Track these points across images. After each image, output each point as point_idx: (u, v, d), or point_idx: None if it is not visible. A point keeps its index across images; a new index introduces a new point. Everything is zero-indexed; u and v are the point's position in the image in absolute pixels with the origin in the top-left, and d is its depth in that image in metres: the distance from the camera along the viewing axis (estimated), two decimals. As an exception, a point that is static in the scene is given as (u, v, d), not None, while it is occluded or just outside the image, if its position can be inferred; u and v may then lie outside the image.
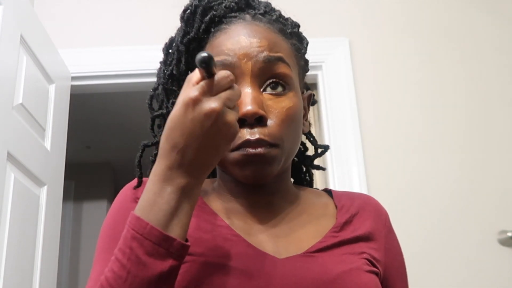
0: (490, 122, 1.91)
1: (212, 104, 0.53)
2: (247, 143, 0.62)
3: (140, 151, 0.74)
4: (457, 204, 1.80)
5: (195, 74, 0.55)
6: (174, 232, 0.54)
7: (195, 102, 0.53)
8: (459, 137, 1.89)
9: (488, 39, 2.03)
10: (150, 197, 0.55)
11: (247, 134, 0.62)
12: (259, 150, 0.62)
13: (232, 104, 0.55)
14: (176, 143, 0.54)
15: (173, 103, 0.72)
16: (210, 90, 0.54)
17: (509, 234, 1.72)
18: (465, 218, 1.79)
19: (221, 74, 0.55)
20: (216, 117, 0.53)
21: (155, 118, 0.76)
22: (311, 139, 0.84)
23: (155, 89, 0.76)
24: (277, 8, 0.77)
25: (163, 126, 0.57)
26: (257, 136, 0.62)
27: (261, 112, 0.62)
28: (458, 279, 1.71)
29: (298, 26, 0.76)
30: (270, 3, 0.76)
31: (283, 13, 0.76)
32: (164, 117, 0.74)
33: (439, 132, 1.90)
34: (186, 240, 0.56)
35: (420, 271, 1.71)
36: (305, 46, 0.77)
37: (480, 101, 1.94)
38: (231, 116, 0.54)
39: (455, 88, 1.96)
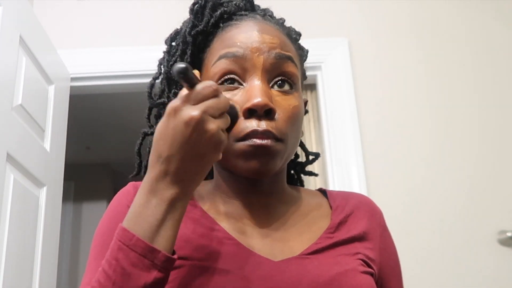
0: (491, 123, 1.91)
1: (191, 112, 0.53)
2: (254, 133, 0.62)
3: (140, 138, 0.75)
4: (457, 204, 1.80)
5: (184, 89, 0.56)
6: (160, 244, 0.54)
7: (176, 111, 0.54)
8: (459, 138, 1.89)
9: (490, 38, 2.03)
10: (137, 209, 0.56)
11: (255, 124, 0.62)
12: (266, 141, 0.62)
13: (217, 112, 0.55)
14: (161, 152, 0.55)
15: (175, 93, 0.73)
16: (192, 99, 0.54)
17: (509, 234, 1.72)
18: (465, 218, 1.79)
19: (203, 83, 0.55)
20: (195, 124, 0.53)
21: (152, 108, 0.76)
22: (303, 146, 0.85)
23: (155, 78, 0.77)
24: (277, 7, 0.78)
25: (162, 115, 0.58)
26: (264, 127, 0.62)
27: (271, 105, 0.62)
28: (458, 279, 1.71)
29: (300, 35, 0.78)
30: (272, 12, 0.77)
31: (280, 16, 0.78)
32: (164, 106, 0.73)
33: (439, 133, 1.90)
34: (174, 253, 0.56)
35: (420, 271, 1.71)
36: (306, 54, 0.78)
37: (481, 102, 1.94)
38: (213, 125, 0.54)
39: (455, 87, 1.96)
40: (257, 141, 0.62)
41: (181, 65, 0.53)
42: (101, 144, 4.19)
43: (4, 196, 1.36)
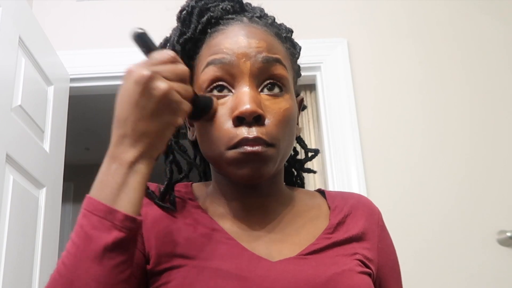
0: (490, 123, 1.91)
1: (142, 71, 0.55)
2: (245, 141, 0.61)
3: None
4: (456, 204, 1.81)
5: None
6: (122, 206, 0.55)
7: (129, 73, 0.56)
8: (458, 138, 1.89)
9: (488, 38, 2.03)
10: (100, 177, 0.57)
11: (245, 132, 0.62)
12: (257, 148, 0.61)
13: (173, 77, 0.56)
14: (118, 116, 0.57)
15: None
16: (147, 63, 0.56)
17: (508, 234, 1.72)
18: (464, 218, 1.79)
19: (162, 50, 0.57)
20: (144, 82, 0.54)
21: None
22: (302, 143, 0.84)
23: None
24: (276, 7, 0.77)
25: None
26: (255, 134, 0.62)
27: (260, 111, 0.62)
28: (458, 279, 1.71)
29: (292, 32, 0.77)
30: (263, 9, 0.76)
31: (279, 16, 0.77)
32: None
33: (438, 132, 1.90)
34: (139, 216, 0.57)
35: (419, 271, 1.71)
36: (298, 51, 0.77)
37: (480, 102, 1.94)
38: (163, 84, 0.55)
39: (454, 88, 1.96)
40: (248, 148, 0.61)
41: (138, 30, 0.54)
42: (100, 145, 4.15)
43: (4, 197, 1.36)
